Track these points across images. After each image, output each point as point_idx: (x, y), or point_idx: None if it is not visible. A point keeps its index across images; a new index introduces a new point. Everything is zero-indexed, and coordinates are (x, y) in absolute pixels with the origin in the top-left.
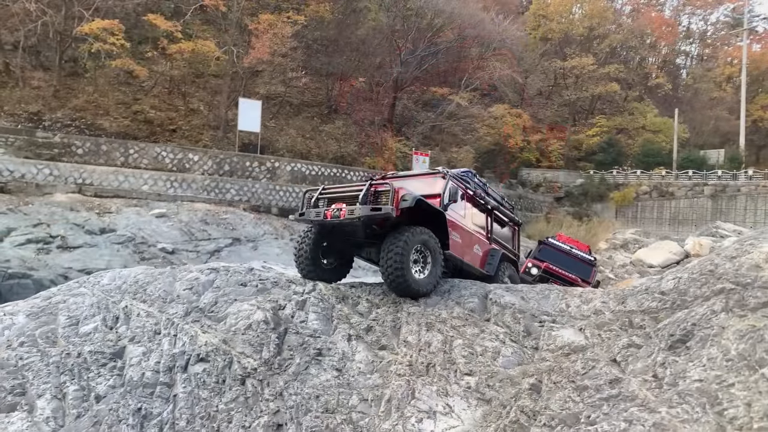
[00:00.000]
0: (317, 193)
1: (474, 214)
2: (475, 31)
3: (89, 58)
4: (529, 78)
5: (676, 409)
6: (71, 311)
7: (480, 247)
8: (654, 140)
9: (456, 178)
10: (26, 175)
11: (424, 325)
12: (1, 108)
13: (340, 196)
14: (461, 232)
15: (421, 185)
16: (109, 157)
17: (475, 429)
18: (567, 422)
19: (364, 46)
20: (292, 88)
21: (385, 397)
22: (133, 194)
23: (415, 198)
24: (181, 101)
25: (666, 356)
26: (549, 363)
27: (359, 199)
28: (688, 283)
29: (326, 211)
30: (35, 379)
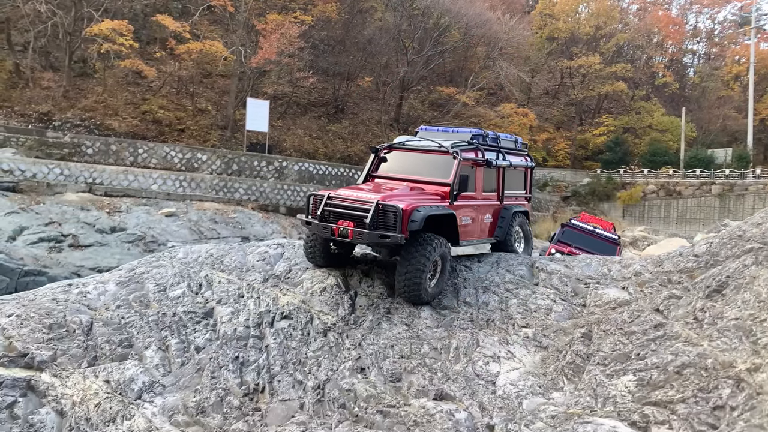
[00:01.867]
0: (323, 202)
1: (485, 180)
2: (481, 30)
3: (98, 58)
4: (536, 77)
5: (716, 342)
6: (157, 280)
7: (490, 213)
8: (661, 139)
9: (467, 150)
10: (37, 174)
11: (480, 289)
12: (11, 108)
13: (347, 213)
14: (471, 211)
15: (428, 166)
16: (119, 156)
17: (535, 370)
18: (619, 360)
19: (371, 45)
20: (299, 88)
21: (452, 346)
22: (142, 193)
23: (424, 219)
24: (189, 101)
25: (704, 303)
26: (597, 316)
27: (367, 221)
28: (719, 246)
29: (334, 228)
30: (139, 334)
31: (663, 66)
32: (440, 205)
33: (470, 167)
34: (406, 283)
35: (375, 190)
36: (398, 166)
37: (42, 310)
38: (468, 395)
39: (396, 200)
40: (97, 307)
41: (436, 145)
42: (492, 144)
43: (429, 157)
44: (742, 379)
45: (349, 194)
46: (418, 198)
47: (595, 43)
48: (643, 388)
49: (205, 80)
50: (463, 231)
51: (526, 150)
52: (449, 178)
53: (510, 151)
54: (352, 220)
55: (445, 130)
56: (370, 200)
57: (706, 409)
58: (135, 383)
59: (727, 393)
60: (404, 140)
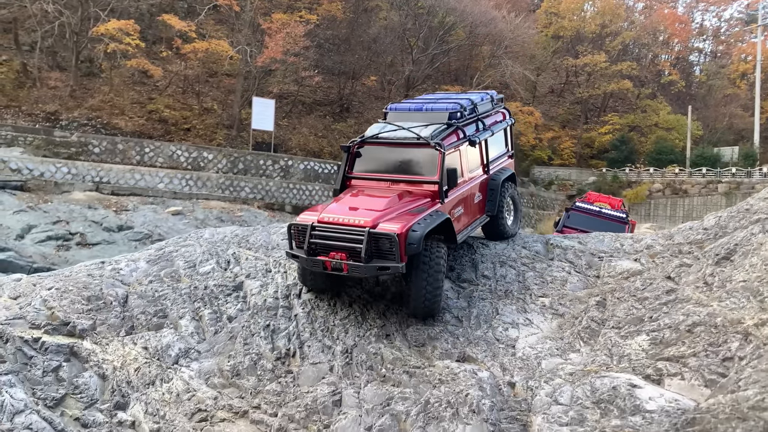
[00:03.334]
0: (308, 233)
1: (470, 158)
2: (486, 29)
3: (105, 58)
4: (541, 76)
5: (725, 302)
6: (186, 257)
7: (480, 191)
8: (667, 138)
9: (448, 134)
10: (45, 173)
11: (498, 263)
12: (19, 108)
13: (337, 244)
14: (461, 200)
15: (410, 162)
16: (125, 155)
17: (552, 335)
18: (632, 323)
19: (376, 44)
20: (304, 87)
21: (473, 315)
22: (149, 192)
23: (422, 239)
24: (195, 100)
25: (714, 269)
26: (611, 285)
27: (362, 254)
28: (728, 219)
29: (326, 262)
30: (173, 306)
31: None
32: (432, 210)
33: (454, 154)
34: (426, 303)
35: (360, 206)
36: (376, 162)
37: (79, 284)
38: (489, 357)
39: (388, 222)
40: (130, 282)
41: (414, 135)
42: (470, 115)
43: (409, 151)
44: (749, 333)
45: (334, 217)
46: (408, 209)
47: (600, 41)
48: (656, 346)
49: (210, 79)
50: (458, 224)
51: (502, 103)
52: (436, 176)
53: (488, 114)
54: (343, 251)
55: (417, 108)
56: (359, 226)
57: (716, 360)
58: (172, 349)
59: (735, 346)
60: (378, 131)
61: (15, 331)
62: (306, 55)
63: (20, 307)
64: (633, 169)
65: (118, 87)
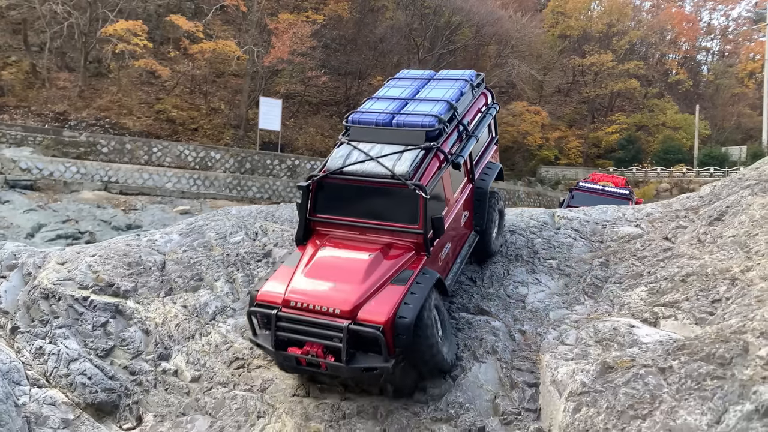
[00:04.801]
0: (272, 323)
1: (455, 175)
2: (492, 28)
3: (113, 58)
4: (548, 75)
5: (716, 255)
6: (217, 230)
7: (466, 208)
8: (674, 137)
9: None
10: (54, 173)
11: (508, 232)
12: (28, 108)
13: (309, 330)
14: (448, 234)
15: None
16: (133, 155)
17: (559, 291)
18: (632, 278)
19: (382, 44)
20: (311, 87)
21: (486, 276)
22: (157, 192)
23: (413, 325)
24: (202, 100)
25: (706, 228)
26: (613, 248)
27: (343, 357)
28: (721, 188)
29: (299, 358)
30: (208, 270)
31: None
32: (419, 272)
33: (438, 185)
34: (428, 370)
35: (332, 277)
36: (344, 203)
37: (119, 252)
38: (502, 310)
39: (369, 308)
40: (165, 251)
41: (387, 171)
42: (450, 123)
43: (382, 190)
44: (736, 278)
45: (303, 299)
46: (390, 275)
47: (607, 40)
48: (653, 295)
49: (218, 80)
50: (447, 263)
51: (484, 83)
52: (418, 225)
53: (470, 108)
54: (318, 346)
55: (386, 122)
56: (334, 316)
57: (705, 303)
58: (209, 307)
59: (723, 289)
60: (341, 162)
61: (66, 291)
62: (313, 55)
63: (68, 270)
64: (640, 168)
65: (126, 87)
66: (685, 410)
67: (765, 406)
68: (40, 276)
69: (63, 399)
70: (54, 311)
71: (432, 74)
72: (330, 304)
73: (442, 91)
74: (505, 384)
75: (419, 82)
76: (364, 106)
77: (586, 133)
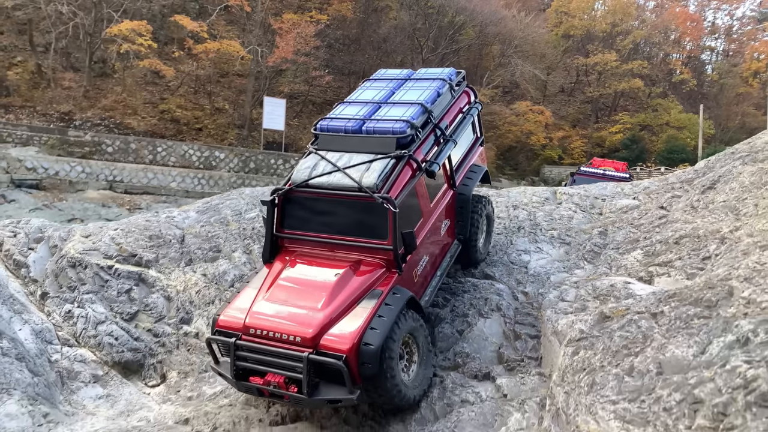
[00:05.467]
0: (231, 352)
1: (430, 183)
2: (496, 28)
3: (118, 58)
4: (551, 75)
5: (707, 219)
6: (232, 207)
7: (447, 216)
8: (678, 137)
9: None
10: (60, 172)
11: (511, 207)
12: (34, 108)
13: (270, 360)
14: (424, 245)
15: (352, 220)
16: (138, 155)
17: (560, 258)
18: (629, 244)
19: (386, 44)
20: (314, 87)
21: (489, 245)
22: (161, 191)
23: (379, 352)
24: (206, 100)
25: (700, 196)
26: (612, 218)
27: (303, 385)
28: (714, 161)
29: (261, 388)
30: (225, 243)
31: (680, 63)
32: (389, 292)
33: (410, 195)
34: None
35: (295, 300)
36: (311, 217)
37: (140, 226)
38: (505, 275)
39: (333, 331)
40: (184, 227)
41: (354, 183)
42: (424, 128)
43: (350, 203)
44: (725, 237)
45: (263, 324)
46: (357, 295)
47: (611, 40)
48: (648, 257)
49: (222, 79)
50: (422, 278)
51: (464, 81)
52: (388, 240)
53: (448, 110)
54: (279, 373)
55: (355, 129)
56: (294, 342)
57: (697, 260)
58: (227, 275)
59: (713, 247)
60: (307, 174)
61: (92, 260)
62: (316, 54)
63: (92, 242)
64: (644, 168)
65: (131, 87)
66: (673, 345)
67: (745, 337)
68: (67, 247)
69: (92, 357)
70: (81, 278)
71: (410, 74)
72: (290, 331)
73: (417, 93)
74: (509, 336)
75: (395, 83)
76: (334, 111)
77: (589, 133)
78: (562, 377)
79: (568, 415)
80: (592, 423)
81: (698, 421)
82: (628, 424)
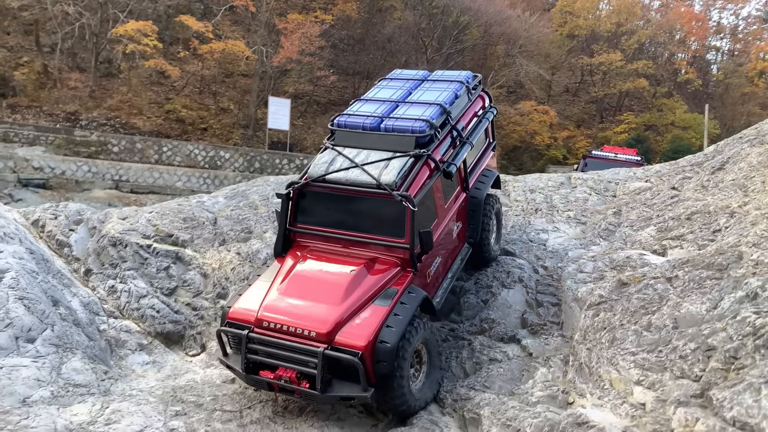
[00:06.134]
0: (243, 344)
1: (446, 186)
2: (501, 28)
3: (123, 58)
4: (556, 75)
5: (717, 196)
6: (259, 193)
7: (459, 219)
8: (683, 136)
9: (418, 172)
10: (66, 171)
11: (528, 191)
12: (40, 108)
13: (282, 354)
14: (438, 248)
15: (369, 217)
16: (144, 154)
17: (577, 236)
18: (643, 222)
19: (390, 44)
20: (319, 87)
21: (509, 225)
22: (167, 190)
23: (395, 351)
24: (211, 100)
25: (710, 177)
26: (625, 200)
27: (317, 381)
28: (723, 146)
29: (272, 382)
30: (256, 225)
31: (685, 62)
32: (404, 291)
33: (427, 195)
34: (394, 407)
35: (309, 295)
36: (326, 212)
37: (174, 210)
38: (525, 251)
39: (347, 331)
40: (214, 210)
41: (372, 180)
42: (443, 129)
43: (366, 201)
44: (734, 212)
45: (277, 318)
46: (372, 293)
47: (616, 39)
48: (661, 232)
49: (227, 80)
50: (435, 279)
51: (481, 85)
52: (405, 238)
53: (465, 112)
54: (291, 367)
55: (374, 126)
56: (309, 340)
57: (708, 233)
58: (260, 254)
59: (723, 221)
60: (324, 169)
61: (131, 239)
62: (321, 55)
63: (130, 224)
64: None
65: (136, 87)
66: (688, 303)
67: (754, 292)
68: (107, 228)
69: (136, 328)
70: (122, 256)
71: (426, 75)
72: (305, 325)
73: (436, 94)
74: (531, 304)
75: (412, 83)
76: (351, 108)
77: (594, 133)
78: (584, 336)
79: (591, 368)
80: (614, 372)
81: (711, 364)
82: (647, 371)
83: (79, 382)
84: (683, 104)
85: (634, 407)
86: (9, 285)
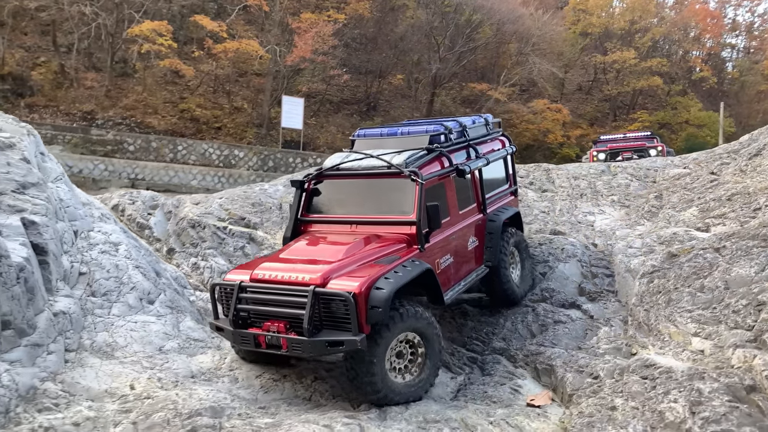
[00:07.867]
0: (234, 296)
1: (460, 193)
2: (513, 26)
3: (139, 58)
4: (569, 73)
5: (755, 179)
6: None
7: (476, 236)
8: (698, 135)
9: (427, 162)
10: (83, 170)
11: (572, 177)
12: (57, 107)
13: (274, 310)
14: (450, 245)
15: (378, 197)
16: (159, 153)
17: (622, 218)
18: (684, 204)
19: (403, 43)
20: (332, 86)
21: (556, 209)
22: (182, 189)
23: (390, 299)
24: (225, 100)
25: (747, 162)
26: (665, 185)
27: (304, 322)
28: (758, 135)
29: (258, 337)
30: None
31: (700, 60)
32: (408, 260)
33: (438, 186)
34: (355, 382)
35: (309, 258)
36: (338, 201)
37: (241, 196)
38: (574, 232)
39: (342, 277)
40: (277, 197)
41: (384, 163)
42: (458, 140)
43: (377, 183)
44: None
45: (272, 274)
46: (373, 258)
47: (629, 37)
48: (703, 212)
49: (240, 79)
50: (446, 278)
51: (501, 129)
52: (412, 214)
53: (482, 140)
54: (282, 319)
55: (391, 133)
56: (303, 283)
57: (748, 211)
58: None
59: (763, 200)
60: (339, 161)
61: (208, 221)
62: (334, 54)
63: (205, 208)
64: None
65: (151, 87)
66: (737, 267)
67: None
68: (184, 211)
69: None
70: (201, 237)
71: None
72: (299, 276)
73: (455, 118)
74: (587, 276)
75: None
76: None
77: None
78: (641, 299)
79: (650, 325)
80: (672, 327)
81: (762, 315)
82: (703, 324)
83: (197, 338)
84: (698, 102)
85: (694, 353)
86: (125, 255)
